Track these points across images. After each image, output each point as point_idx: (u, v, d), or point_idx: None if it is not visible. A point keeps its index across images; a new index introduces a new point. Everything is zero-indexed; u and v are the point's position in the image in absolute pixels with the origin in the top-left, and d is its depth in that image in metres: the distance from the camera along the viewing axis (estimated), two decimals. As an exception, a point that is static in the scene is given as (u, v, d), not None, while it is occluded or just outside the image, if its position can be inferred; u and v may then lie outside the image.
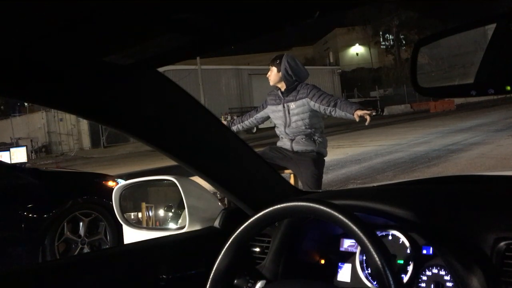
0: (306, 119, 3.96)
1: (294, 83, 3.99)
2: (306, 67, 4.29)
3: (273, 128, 4.37)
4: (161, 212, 1.57)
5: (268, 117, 4.32)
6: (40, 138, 30.28)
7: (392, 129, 19.50)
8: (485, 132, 13.60)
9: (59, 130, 30.23)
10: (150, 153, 16.79)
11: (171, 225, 1.54)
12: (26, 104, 32.60)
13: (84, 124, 29.49)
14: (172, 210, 1.55)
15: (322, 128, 4.11)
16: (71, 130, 30.19)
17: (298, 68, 4.06)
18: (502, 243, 1.06)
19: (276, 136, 4.20)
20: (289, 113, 4.00)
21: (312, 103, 3.89)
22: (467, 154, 9.59)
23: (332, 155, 11.95)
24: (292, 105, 3.97)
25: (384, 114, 36.03)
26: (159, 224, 1.57)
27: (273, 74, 4.02)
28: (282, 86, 4.02)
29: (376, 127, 20.81)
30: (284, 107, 4.03)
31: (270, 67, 4.07)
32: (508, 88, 0.79)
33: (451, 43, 0.92)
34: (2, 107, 39.51)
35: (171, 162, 1.29)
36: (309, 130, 3.97)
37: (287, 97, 4.00)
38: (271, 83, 4.08)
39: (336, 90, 42.97)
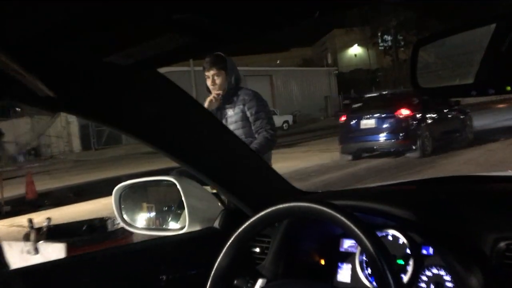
0: (246, 127, 3.36)
1: (234, 87, 3.44)
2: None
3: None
4: (161, 213, 1.57)
5: None
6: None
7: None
8: (477, 135, 13.05)
9: (48, 132, 29.62)
10: (141, 156, 16.65)
11: (171, 225, 1.54)
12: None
13: (74, 126, 28.97)
14: (172, 211, 1.55)
15: None
16: (61, 132, 29.01)
17: (237, 69, 3.51)
18: (502, 243, 1.06)
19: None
20: (226, 121, 3.38)
21: (248, 113, 3.37)
22: (454, 160, 9.33)
23: (318, 159, 11.79)
24: (230, 112, 3.40)
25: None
26: (159, 225, 1.57)
27: (222, 79, 3.35)
28: (224, 91, 3.41)
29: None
30: (220, 114, 3.40)
31: (211, 72, 3.34)
32: (509, 88, 0.80)
33: (454, 43, 0.92)
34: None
35: (161, 165, 1.29)
36: (250, 139, 3.34)
37: (225, 103, 3.42)
38: (221, 92, 3.37)
39: (332, 91, 43.03)
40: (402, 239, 1.27)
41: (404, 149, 10.37)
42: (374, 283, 1.28)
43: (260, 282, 1.24)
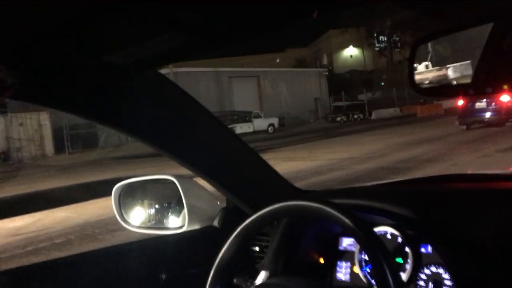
0: None
1: None
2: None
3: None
4: (160, 212, 1.57)
5: None
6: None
7: (362, 137, 18.94)
8: (448, 144, 12.92)
9: (18, 135, 27.05)
10: (116, 160, 16.06)
11: (170, 224, 1.54)
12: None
13: (47, 128, 27.59)
14: (171, 210, 1.55)
15: None
16: (33, 135, 27.49)
17: None
18: (500, 241, 1.06)
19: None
20: None
21: None
22: (411, 176, 8.54)
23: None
24: None
25: (372, 118, 35.97)
26: (158, 223, 1.57)
27: None
28: None
29: (352, 134, 20.46)
30: None
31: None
32: (506, 86, 0.80)
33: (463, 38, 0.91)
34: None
35: (135, 171, 1.27)
36: None
37: None
38: None
39: (323, 93, 42.48)
40: (401, 238, 1.28)
41: (506, 122, 15.88)
42: (373, 282, 1.29)
43: (263, 274, 1.23)
